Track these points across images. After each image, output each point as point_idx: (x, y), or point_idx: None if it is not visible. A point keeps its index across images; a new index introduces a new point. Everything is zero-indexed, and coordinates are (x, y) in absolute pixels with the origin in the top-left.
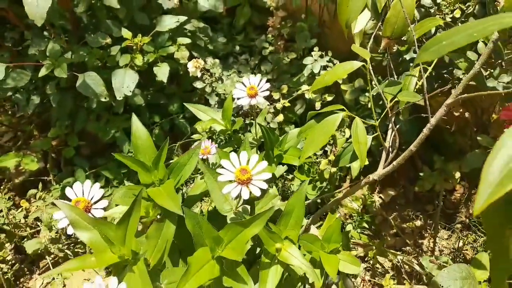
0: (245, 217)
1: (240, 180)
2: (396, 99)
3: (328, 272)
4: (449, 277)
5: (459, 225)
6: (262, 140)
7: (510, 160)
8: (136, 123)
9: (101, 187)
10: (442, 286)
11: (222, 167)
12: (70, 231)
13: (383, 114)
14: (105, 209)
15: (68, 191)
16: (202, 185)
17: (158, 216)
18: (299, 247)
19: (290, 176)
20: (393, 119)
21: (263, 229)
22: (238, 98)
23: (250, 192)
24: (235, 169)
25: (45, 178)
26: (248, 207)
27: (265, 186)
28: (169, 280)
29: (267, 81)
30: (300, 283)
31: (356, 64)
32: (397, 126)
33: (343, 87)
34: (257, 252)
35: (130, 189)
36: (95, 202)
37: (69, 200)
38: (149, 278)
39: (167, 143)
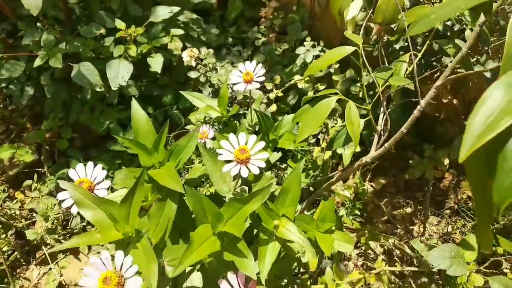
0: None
1: (239, 159)
2: (387, 84)
3: (323, 250)
4: (438, 256)
5: (448, 211)
6: (258, 126)
7: (489, 115)
8: (136, 107)
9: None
10: (432, 265)
11: (222, 148)
12: (74, 210)
13: (375, 98)
14: (107, 189)
15: (71, 173)
16: (200, 169)
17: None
18: None
19: (283, 165)
20: (384, 103)
21: (261, 206)
22: (234, 84)
23: (249, 171)
24: (234, 149)
25: (39, 170)
26: (246, 188)
27: (263, 165)
28: (170, 257)
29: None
30: (296, 264)
31: (349, 49)
32: (388, 110)
33: (334, 77)
34: (254, 233)
35: (131, 171)
36: (98, 183)
37: (72, 181)
38: (153, 253)
39: (167, 126)
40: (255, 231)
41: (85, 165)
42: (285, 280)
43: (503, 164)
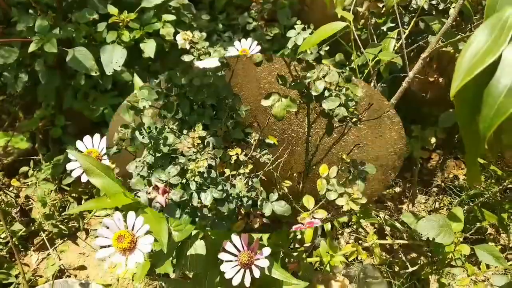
0: None
1: None
2: (377, 59)
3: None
4: (427, 226)
5: (435, 189)
6: None
7: (475, 54)
8: (137, 81)
9: None
10: (422, 234)
11: None
12: (84, 178)
13: (365, 74)
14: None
15: (79, 144)
16: None
17: None
18: None
19: None
20: (374, 77)
21: None
22: None
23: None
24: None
25: (34, 157)
26: None
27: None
28: (176, 223)
29: None
30: (291, 236)
31: (342, 24)
32: (379, 84)
33: (324, 61)
34: None
35: None
36: (105, 153)
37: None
38: (163, 215)
39: None
40: None
41: (92, 136)
42: (281, 254)
43: (488, 99)
